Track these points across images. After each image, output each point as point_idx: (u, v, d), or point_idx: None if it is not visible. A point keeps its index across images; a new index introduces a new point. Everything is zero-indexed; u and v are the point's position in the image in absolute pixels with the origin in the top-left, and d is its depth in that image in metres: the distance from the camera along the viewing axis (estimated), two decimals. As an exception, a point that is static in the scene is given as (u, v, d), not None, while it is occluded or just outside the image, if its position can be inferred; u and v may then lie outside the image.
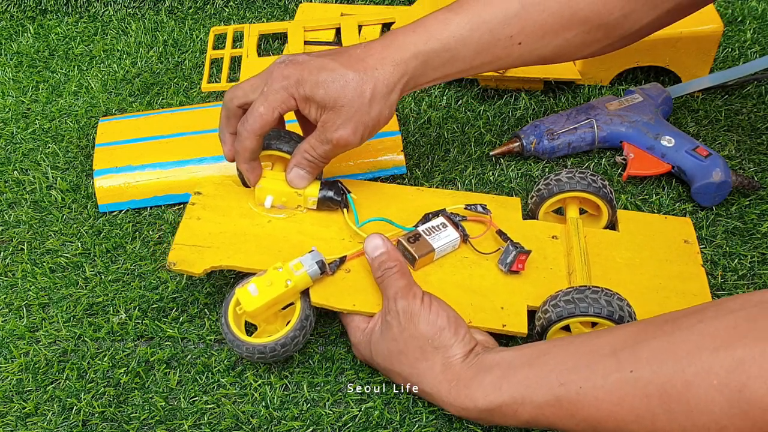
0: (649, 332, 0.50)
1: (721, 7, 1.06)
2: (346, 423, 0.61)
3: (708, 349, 0.46)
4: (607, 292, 0.60)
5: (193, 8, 1.13)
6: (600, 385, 0.50)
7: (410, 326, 0.58)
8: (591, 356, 0.52)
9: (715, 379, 0.45)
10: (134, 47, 1.05)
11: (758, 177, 0.81)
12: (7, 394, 0.65)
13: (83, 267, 0.74)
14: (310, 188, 0.69)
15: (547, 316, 0.61)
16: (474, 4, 0.65)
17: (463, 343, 0.58)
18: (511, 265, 0.65)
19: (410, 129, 0.88)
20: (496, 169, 0.83)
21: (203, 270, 0.65)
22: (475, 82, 0.94)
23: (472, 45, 0.65)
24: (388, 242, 0.63)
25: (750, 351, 0.44)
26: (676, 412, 0.47)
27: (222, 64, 1.00)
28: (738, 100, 0.91)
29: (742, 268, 0.72)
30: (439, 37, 0.65)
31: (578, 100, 0.91)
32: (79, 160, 0.87)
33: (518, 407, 0.54)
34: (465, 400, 0.56)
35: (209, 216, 0.70)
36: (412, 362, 0.59)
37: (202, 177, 0.79)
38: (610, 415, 0.50)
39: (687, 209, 0.77)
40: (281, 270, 0.62)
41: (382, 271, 0.61)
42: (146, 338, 0.68)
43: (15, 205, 0.82)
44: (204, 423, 0.62)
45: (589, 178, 0.69)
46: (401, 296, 0.59)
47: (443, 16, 0.66)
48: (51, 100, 0.97)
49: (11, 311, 0.71)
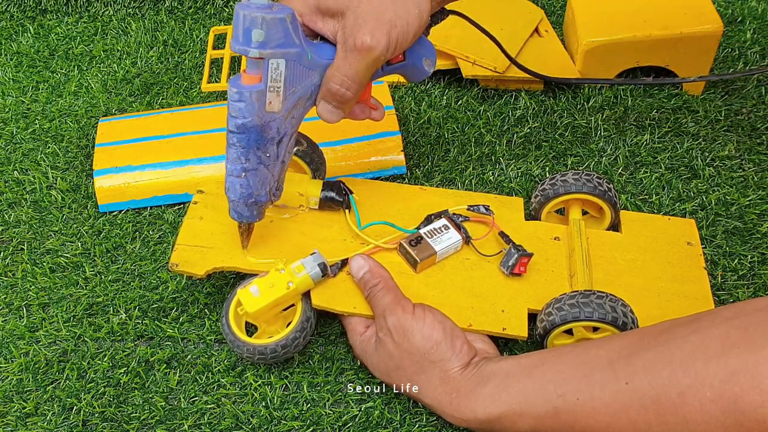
0: (645, 342, 0.50)
1: (721, 7, 1.06)
2: (346, 423, 0.61)
3: (702, 360, 0.46)
4: (611, 298, 0.60)
5: (193, 8, 1.12)
6: (597, 397, 0.50)
7: (405, 342, 0.58)
8: (588, 367, 0.52)
9: (709, 391, 0.45)
10: (134, 47, 1.05)
11: (758, 177, 0.81)
12: (7, 394, 0.64)
13: (83, 267, 0.74)
14: (312, 188, 0.69)
15: (550, 319, 0.61)
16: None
17: (461, 355, 0.57)
18: (513, 268, 0.65)
19: (410, 129, 0.88)
20: (496, 169, 0.83)
21: (205, 271, 0.65)
22: (475, 83, 0.94)
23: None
24: (370, 260, 0.63)
25: (743, 361, 0.44)
26: (671, 423, 0.47)
27: (222, 64, 1.00)
28: (738, 100, 0.91)
29: (742, 268, 0.72)
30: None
31: (578, 100, 0.91)
32: (79, 160, 0.87)
33: (517, 418, 0.54)
34: (466, 411, 0.56)
35: (212, 215, 0.70)
36: (410, 376, 0.58)
37: (202, 177, 0.79)
38: (607, 426, 0.50)
39: (687, 209, 0.77)
40: (283, 272, 0.62)
41: (368, 290, 0.62)
42: (146, 338, 0.68)
43: (15, 205, 0.82)
44: (204, 423, 0.62)
45: (595, 180, 0.69)
46: (390, 312, 0.59)
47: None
48: (51, 100, 0.97)
49: (11, 311, 0.71)
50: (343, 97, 0.60)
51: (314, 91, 0.61)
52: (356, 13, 0.56)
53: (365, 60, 0.57)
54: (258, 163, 0.60)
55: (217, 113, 0.87)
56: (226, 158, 0.61)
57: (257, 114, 0.58)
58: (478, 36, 0.93)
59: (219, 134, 0.83)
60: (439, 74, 0.96)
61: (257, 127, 0.58)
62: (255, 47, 0.55)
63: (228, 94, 0.58)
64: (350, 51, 0.57)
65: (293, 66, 0.57)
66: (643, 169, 0.82)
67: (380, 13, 0.55)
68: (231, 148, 0.60)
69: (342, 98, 0.60)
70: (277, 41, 0.55)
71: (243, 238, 0.65)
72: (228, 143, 0.60)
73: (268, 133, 0.59)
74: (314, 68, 0.59)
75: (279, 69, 0.57)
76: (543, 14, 1.01)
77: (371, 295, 0.61)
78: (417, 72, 0.65)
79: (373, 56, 0.57)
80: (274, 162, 0.61)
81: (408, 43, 0.58)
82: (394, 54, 0.58)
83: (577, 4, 0.94)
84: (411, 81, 0.67)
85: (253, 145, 0.59)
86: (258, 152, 0.60)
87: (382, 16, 0.56)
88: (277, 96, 0.58)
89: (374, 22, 0.55)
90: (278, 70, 0.57)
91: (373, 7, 0.55)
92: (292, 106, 0.59)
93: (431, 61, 0.65)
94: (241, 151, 0.59)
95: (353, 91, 0.60)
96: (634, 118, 0.89)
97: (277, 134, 0.60)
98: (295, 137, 0.63)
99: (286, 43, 0.56)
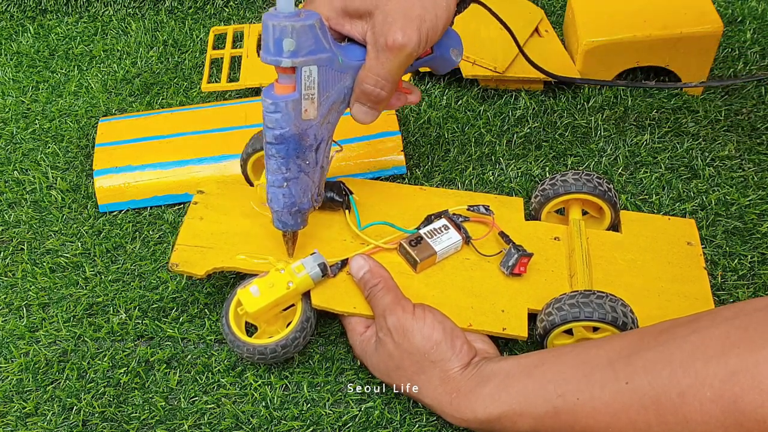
0: (645, 342, 0.50)
1: (721, 7, 1.06)
2: (346, 423, 0.61)
3: (702, 360, 0.46)
4: (611, 298, 0.60)
5: (193, 8, 1.12)
6: (597, 397, 0.50)
7: (405, 342, 0.58)
8: (588, 367, 0.52)
9: (709, 391, 0.45)
10: (134, 47, 1.05)
11: (758, 177, 0.81)
12: (7, 394, 0.64)
13: (83, 267, 0.74)
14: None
15: (550, 319, 0.61)
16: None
17: (461, 355, 0.58)
18: (513, 268, 0.65)
19: (410, 129, 0.88)
20: (495, 169, 0.83)
21: (205, 272, 0.65)
22: (475, 83, 0.94)
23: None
24: (370, 260, 0.63)
25: (743, 362, 0.44)
26: (671, 423, 0.47)
27: (222, 64, 0.99)
28: (738, 100, 0.91)
29: (742, 268, 0.72)
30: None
31: (578, 100, 0.91)
32: (79, 160, 0.87)
33: (517, 418, 0.54)
34: (466, 411, 0.56)
35: (212, 215, 0.70)
36: (409, 376, 0.58)
37: (202, 177, 0.79)
38: (608, 426, 0.50)
39: (687, 209, 0.77)
40: (283, 272, 0.62)
41: (368, 290, 0.62)
42: (146, 338, 0.68)
43: (15, 205, 0.82)
44: (204, 423, 0.62)
45: (595, 180, 0.69)
46: (390, 312, 0.59)
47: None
48: (51, 100, 0.97)
49: (11, 311, 0.71)
50: (378, 97, 0.59)
51: (347, 94, 0.60)
52: (385, 11, 0.55)
53: (398, 58, 0.56)
54: (299, 171, 0.60)
55: (217, 113, 0.87)
56: (266, 170, 0.61)
57: (294, 123, 0.57)
58: (478, 36, 0.93)
59: (219, 134, 0.83)
60: (439, 74, 0.96)
61: (295, 136, 0.58)
62: (287, 56, 0.55)
63: (263, 105, 0.57)
64: (382, 50, 0.56)
65: (325, 71, 0.57)
66: (643, 169, 0.82)
67: (409, 10, 0.55)
68: (271, 159, 0.59)
69: (377, 98, 0.59)
70: (308, 48, 0.55)
71: (288, 246, 0.65)
72: (267, 155, 0.60)
73: (306, 141, 0.59)
74: (346, 71, 0.59)
75: (312, 76, 0.56)
76: (543, 14, 1.01)
77: (371, 295, 0.61)
78: (445, 63, 0.65)
79: (405, 53, 0.56)
80: (313, 168, 0.61)
81: (438, 36, 0.58)
82: (425, 49, 0.58)
83: (577, 4, 0.94)
84: (438, 73, 0.67)
85: (293, 154, 0.59)
86: (298, 161, 0.60)
87: (411, 12, 0.55)
88: (312, 103, 0.58)
89: (403, 20, 0.55)
90: (311, 77, 0.56)
91: (401, 4, 0.55)
92: (327, 111, 0.59)
93: (458, 51, 0.65)
94: (281, 161, 0.59)
95: (387, 90, 0.59)
96: (634, 118, 0.89)
97: (315, 141, 0.60)
98: (332, 142, 0.63)
99: (317, 49, 0.55)
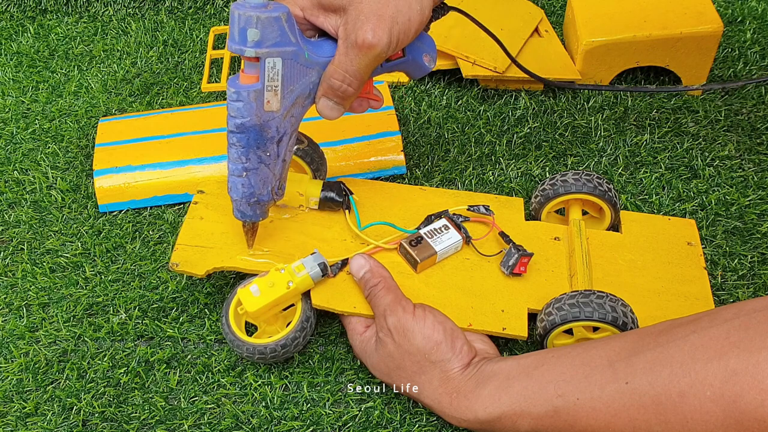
0: (645, 343, 0.50)
1: (721, 7, 1.06)
2: (346, 423, 0.61)
3: (702, 360, 0.46)
4: (611, 298, 0.60)
5: (193, 8, 1.12)
6: (597, 397, 0.50)
7: (405, 342, 0.58)
8: (587, 367, 0.52)
9: (709, 390, 0.45)
10: (134, 47, 1.05)
11: (758, 177, 0.81)
12: (7, 394, 0.64)
13: (83, 267, 0.74)
14: (312, 188, 0.69)
15: (550, 319, 0.61)
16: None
17: (461, 355, 0.58)
18: (513, 268, 0.65)
19: (410, 129, 0.88)
20: (495, 169, 0.83)
21: (205, 271, 0.65)
22: (475, 83, 0.94)
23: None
24: (371, 260, 0.63)
25: (743, 362, 0.44)
26: (671, 423, 0.47)
27: (222, 64, 1.00)
28: (738, 100, 0.91)
29: (742, 268, 0.72)
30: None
31: (578, 100, 0.91)
32: (79, 160, 0.87)
33: (517, 419, 0.54)
34: (466, 411, 0.56)
35: (212, 215, 0.70)
36: (410, 376, 0.58)
37: (202, 177, 0.79)
38: (607, 426, 0.50)
39: (687, 209, 0.77)
40: (283, 271, 0.62)
41: (368, 289, 0.61)
42: (146, 338, 0.68)
43: (15, 205, 0.82)
44: (204, 423, 0.62)
45: (595, 180, 0.69)
46: (390, 312, 0.59)
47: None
48: (51, 100, 0.97)
49: (11, 311, 0.71)
50: (345, 93, 0.59)
51: (312, 89, 0.61)
52: (358, 9, 0.55)
53: (367, 57, 0.57)
54: (258, 162, 0.60)
55: (217, 113, 0.87)
56: (227, 158, 0.61)
57: (256, 113, 0.58)
58: (478, 36, 0.93)
59: (219, 134, 0.83)
60: (439, 74, 0.96)
61: (256, 127, 0.58)
62: (251, 46, 0.55)
63: (227, 93, 0.58)
64: (351, 47, 0.57)
65: (290, 65, 0.57)
66: (643, 169, 0.82)
67: (382, 10, 0.55)
68: (231, 147, 0.60)
69: (343, 94, 0.60)
70: (273, 40, 0.55)
71: (248, 237, 0.65)
72: (228, 143, 0.60)
73: (268, 133, 0.59)
74: (312, 66, 0.59)
75: (276, 68, 0.57)
76: (543, 14, 1.01)
77: (371, 295, 0.61)
78: (417, 68, 0.65)
79: (374, 53, 0.57)
80: (274, 161, 0.61)
81: (409, 39, 0.58)
82: (395, 50, 0.58)
83: (577, 4, 0.94)
84: (411, 77, 0.67)
85: (253, 144, 0.59)
86: (258, 151, 0.60)
87: (384, 13, 0.55)
88: (274, 95, 0.58)
89: (376, 19, 0.55)
90: (275, 69, 0.57)
91: (375, 4, 0.55)
92: (291, 104, 0.59)
93: (431, 56, 0.65)
94: (242, 150, 0.59)
95: (354, 87, 0.59)
96: (634, 118, 0.89)
97: (277, 133, 0.60)
98: (296, 136, 0.63)
99: (282, 41, 0.56)
